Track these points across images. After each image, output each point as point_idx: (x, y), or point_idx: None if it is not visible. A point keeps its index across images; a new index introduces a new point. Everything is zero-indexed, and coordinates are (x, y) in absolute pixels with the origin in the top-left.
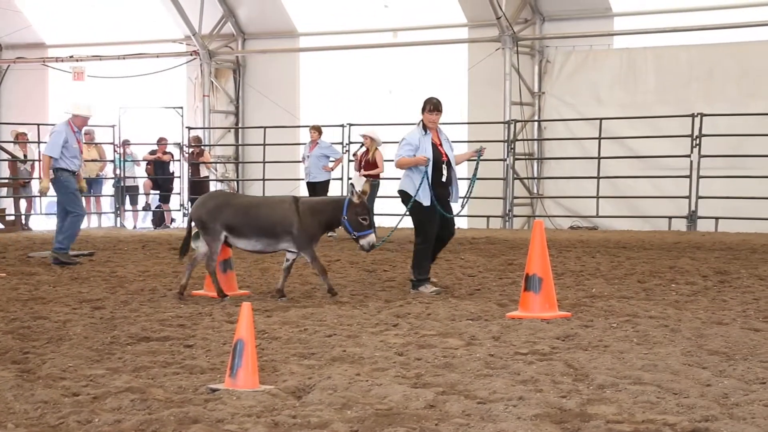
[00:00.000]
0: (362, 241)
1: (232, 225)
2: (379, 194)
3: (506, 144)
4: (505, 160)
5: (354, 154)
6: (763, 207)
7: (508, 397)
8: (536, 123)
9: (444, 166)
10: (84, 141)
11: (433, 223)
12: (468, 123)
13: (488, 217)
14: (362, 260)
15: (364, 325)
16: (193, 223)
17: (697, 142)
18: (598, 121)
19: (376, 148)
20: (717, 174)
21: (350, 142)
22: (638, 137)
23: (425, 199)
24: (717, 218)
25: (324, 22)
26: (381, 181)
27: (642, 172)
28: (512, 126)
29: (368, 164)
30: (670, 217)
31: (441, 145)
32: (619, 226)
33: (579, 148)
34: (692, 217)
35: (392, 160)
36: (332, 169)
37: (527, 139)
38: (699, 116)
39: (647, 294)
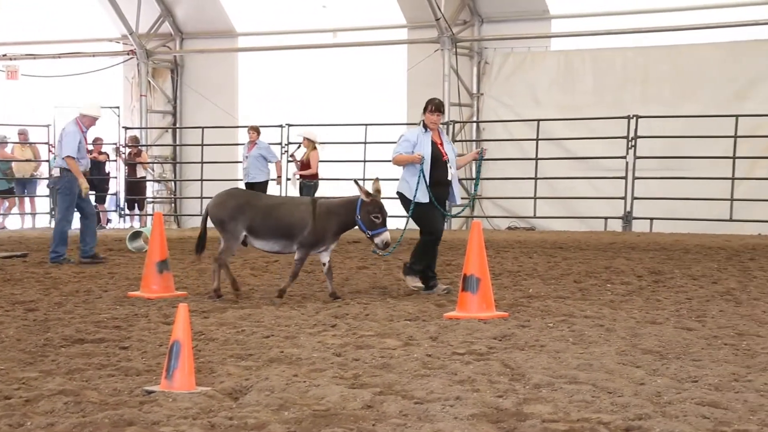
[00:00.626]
0: (376, 240)
1: (252, 226)
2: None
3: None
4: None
5: (291, 155)
6: (696, 208)
7: (446, 397)
8: (475, 124)
9: (445, 165)
10: (19, 141)
11: (436, 217)
12: (407, 124)
13: None
14: None
15: (302, 325)
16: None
17: (633, 143)
18: (536, 122)
19: (314, 148)
20: (652, 175)
21: (289, 143)
22: (575, 138)
23: (423, 197)
24: (651, 219)
25: (263, 22)
26: (317, 182)
27: (579, 173)
28: (451, 127)
29: (303, 165)
30: (605, 218)
31: (442, 144)
32: (556, 226)
33: (517, 149)
34: (627, 218)
35: (338, 160)
36: (279, 176)
37: (466, 140)
38: (634, 118)
39: (583, 294)
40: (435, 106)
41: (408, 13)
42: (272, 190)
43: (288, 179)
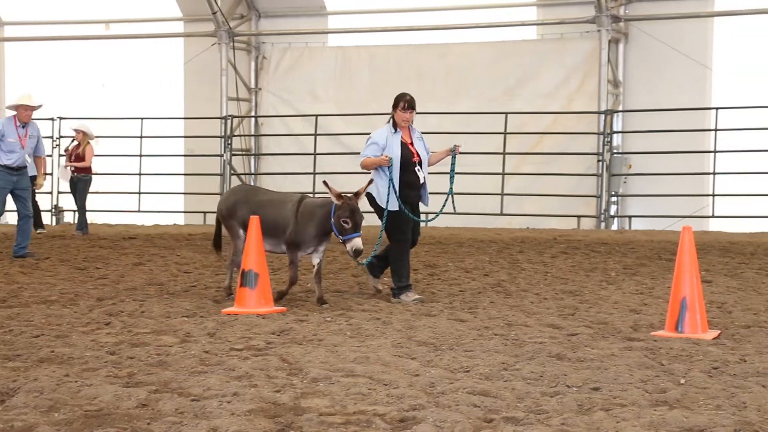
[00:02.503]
0: (347, 246)
1: (246, 222)
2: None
3: (223, 140)
4: (221, 155)
5: (66, 149)
6: (469, 203)
7: (223, 394)
8: (253, 119)
9: (416, 167)
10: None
11: (405, 224)
12: (184, 118)
13: (205, 213)
14: (73, 258)
15: (75, 324)
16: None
17: None
18: (314, 117)
19: (88, 143)
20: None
21: (61, 136)
22: (353, 134)
23: (392, 204)
24: (427, 213)
25: (32, 11)
26: (92, 176)
27: (357, 169)
28: (229, 122)
29: (78, 158)
30: None
31: (412, 144)
32: None
33: (296, 144)
34: None
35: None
36: (44, 174)
37: (244, 135)
38: None
39: (360, 288)
40: (408, 103)
41: (184, 5)
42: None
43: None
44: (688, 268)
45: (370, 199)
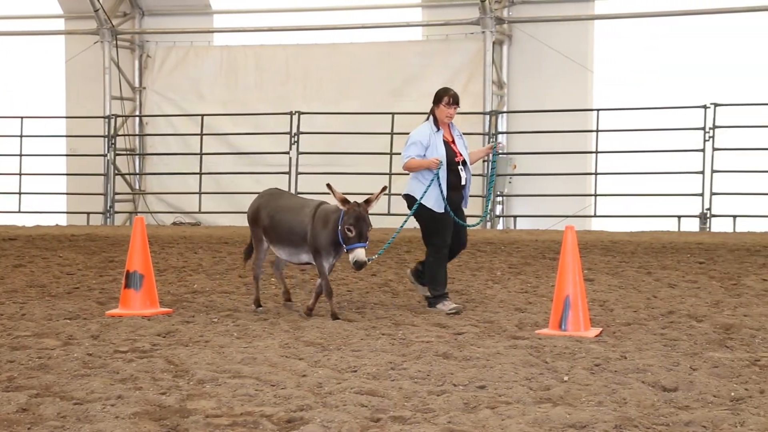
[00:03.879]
0: (350, 256)
1: (266, 228)
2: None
3: (107, 139)
4: (105, 155)
5: None
6: None
7: (107, 397)
8: (137, 118)
9: (459, 166)
10: None
11: (447, 231)
12: (66, 117)
13: (88, 213)
14: None
15: None
16: None
17: (296, 139)
18: (200, 117)
19: None
20: (314, 170)
21: None
22: (239, 134)
23: (437, 206)
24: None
25: None
26: None
27: (243, 168)
28: (113, 121)
29: None
30: None
31: (454, 142)
32: (222, 221)
33: (181, 143)
34: None
35: None
36: None
37: (128, 135)
38: (297, 114)
39: (248, 289)
40: (452, 98)
41: (65, 3)
42: None
43: None
44: (571, 267)
45: (410, 201)
